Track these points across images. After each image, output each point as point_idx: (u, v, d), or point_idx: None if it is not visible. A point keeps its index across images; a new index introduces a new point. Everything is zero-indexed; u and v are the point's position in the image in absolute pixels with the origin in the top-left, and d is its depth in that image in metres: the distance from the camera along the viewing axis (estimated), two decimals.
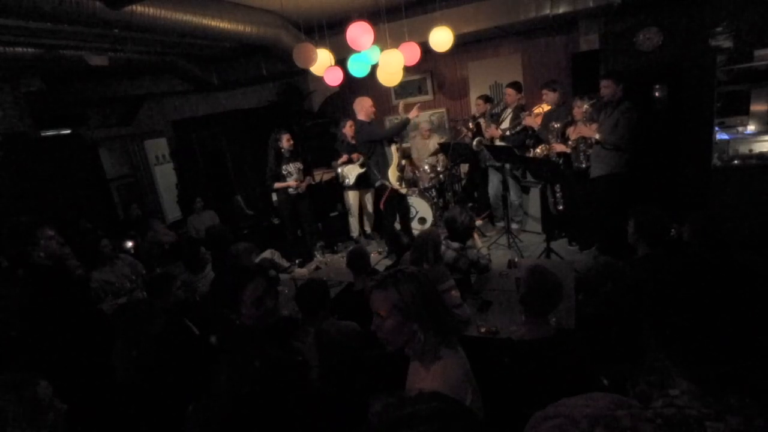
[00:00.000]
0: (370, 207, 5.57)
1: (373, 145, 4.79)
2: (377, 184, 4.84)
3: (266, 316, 2.10)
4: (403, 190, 4.86)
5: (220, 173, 7.10)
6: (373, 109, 4.78)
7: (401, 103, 4.89)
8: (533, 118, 4.65)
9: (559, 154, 4.34)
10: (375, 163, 4.81)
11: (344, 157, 5.18)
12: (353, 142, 5.21)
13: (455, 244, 3.02)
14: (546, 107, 4.67)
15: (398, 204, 4.90)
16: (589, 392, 0.91)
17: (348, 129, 5.23)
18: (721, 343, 0.74)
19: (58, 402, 1.48)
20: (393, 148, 4.82)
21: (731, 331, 0.74)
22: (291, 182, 4.93)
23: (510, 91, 4.92)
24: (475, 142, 5.07)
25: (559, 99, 4.60)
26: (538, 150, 4.48)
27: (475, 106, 5.55)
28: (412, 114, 4.65)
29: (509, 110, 4.96)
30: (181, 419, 1.91)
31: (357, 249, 3.11)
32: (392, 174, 4.79)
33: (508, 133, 4.86)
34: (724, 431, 0.69)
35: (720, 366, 0.74)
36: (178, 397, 1.97)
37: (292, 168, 4.95)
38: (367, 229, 5.67)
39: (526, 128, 4.77)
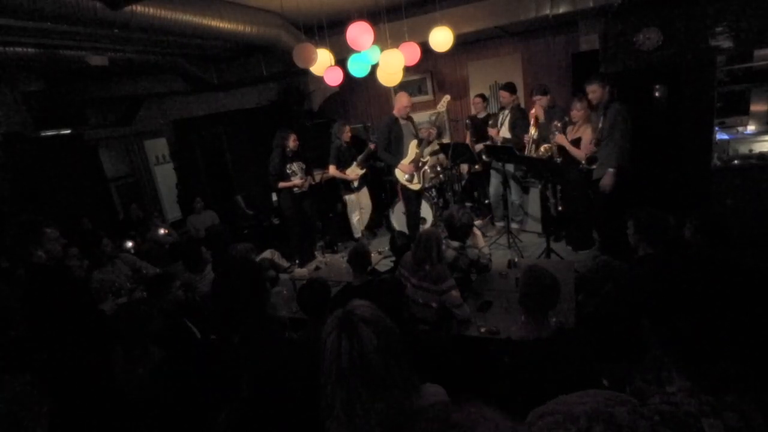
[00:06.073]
0: (368, 205, 5.57)
1: (390, 137, 4.74)
2: (393, 178, 4.92)
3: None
4: (416, 186, 4.76)
5: (220, 173, 7.09)
6: (407, 108, 4.68)
7: (444, 99, 4.79)
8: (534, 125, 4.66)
9: (560, 152, 4.32)
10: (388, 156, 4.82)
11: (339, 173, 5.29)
12: (345, 145, 5.25)
13: (455, 243, 3.02)
14: (536, 111, 4.66)
15: (414, 201, 4.89)
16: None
17: (345, 135, 5.24)
18: (720, 343, 0.75)
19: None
20: (413, 143, 4.72)
21: (731, 331, 0.74)
22: (296, 181, 4.92)
23: (504, 93, 4.92)
24: (484, 157, 5.05)
25: (550, 101, 4.60)
26: (542, 149, 4.46)
27: (473, 105, 5.56)
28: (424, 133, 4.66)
29: (507, 111, 4.97)
30: (180, 420, 1.91)
31: (359, 246, 3.11)
32: (400, 171, 4.75)
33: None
34: (720, 428, 0.69)
35: (718, 364, 0.75)
36: (179, 397, 1.98)
37: (296, 167, 4.93)
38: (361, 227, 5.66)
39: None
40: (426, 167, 4.76)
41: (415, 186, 4.77)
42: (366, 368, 0.99)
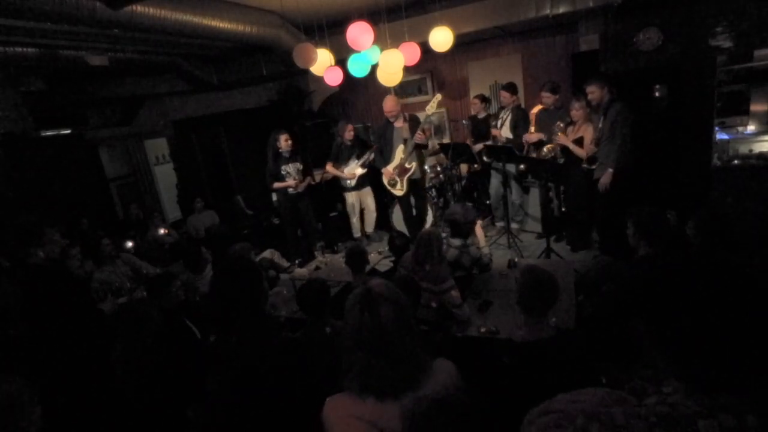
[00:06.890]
0: (371, 206, 5.57)
1: (380, 140, 4.87)
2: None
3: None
4: (398, 192, 4.81)
5: (220, 173, 7.09)
6: (391, 112, 4.71)
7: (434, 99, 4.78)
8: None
9: (563, 152, 4.31)
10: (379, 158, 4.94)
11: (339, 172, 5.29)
12: (349, 144, 5.25)
13: (456, 242, 3.02)
14: (539, 108, 4.65)
15: (405, 202, 4.93)
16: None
17: (348, 134, 5.25)
18: (714, 345, 0.74)
19: None
20: (400, 148, 4.72)
21: (725, 333, 0.73)
22: (289, 182, 4.94)
23: (504, 93, 4.92)
24: (485, 158, 5.05)
25: (556, 101, 4.58)
26: (545, 150, 4.45)
27: (472, 106, 5.56)
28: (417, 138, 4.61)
29: (507, 111, 4.96)
30: (180, 420, 1.91)
31: (355, 247, 3.11)
32: (383, 175, 4.84)
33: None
34: (716, 429, 0.69)
35: (711, 366, 0.74)
36: (178, 397, 1.98)
37: (290, 168, 4.95)
38: (368, 229, 5.67)
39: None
40: (407, 175, 4.74)
41: (398, 192, 4.82)
42: (383, 337, 1.10)
